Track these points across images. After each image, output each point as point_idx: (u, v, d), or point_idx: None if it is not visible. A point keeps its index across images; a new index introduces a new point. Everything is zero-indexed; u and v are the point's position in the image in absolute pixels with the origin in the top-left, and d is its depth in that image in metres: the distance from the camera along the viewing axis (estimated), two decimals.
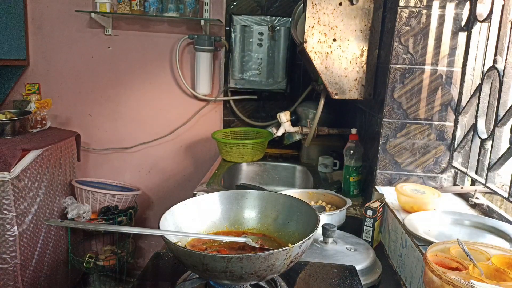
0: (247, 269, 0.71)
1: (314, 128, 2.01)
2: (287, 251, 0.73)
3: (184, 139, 2.80)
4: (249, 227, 0.99)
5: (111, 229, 0.85)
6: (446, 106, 1.38)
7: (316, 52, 1.59)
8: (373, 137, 1.57)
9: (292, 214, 0.95)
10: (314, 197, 1.53)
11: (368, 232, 1.24)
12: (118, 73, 2.72)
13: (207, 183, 1.91)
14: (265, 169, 2.28)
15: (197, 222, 0.95)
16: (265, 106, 2.69)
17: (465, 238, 0.92)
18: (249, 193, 1.01)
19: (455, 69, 1.36)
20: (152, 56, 2.68)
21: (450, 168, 1.42)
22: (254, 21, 2.47)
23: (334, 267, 0.97)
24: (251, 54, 2.51)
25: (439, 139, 1.40)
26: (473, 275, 0.75)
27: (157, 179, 2.87)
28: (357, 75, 1.62)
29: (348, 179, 1.69)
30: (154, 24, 2.64)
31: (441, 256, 0.82)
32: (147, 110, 2.76)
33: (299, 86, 2.61)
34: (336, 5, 1.56)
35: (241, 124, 2.70)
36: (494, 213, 1.18)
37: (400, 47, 1.37)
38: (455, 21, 1.33)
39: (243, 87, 2.56)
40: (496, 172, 1.13)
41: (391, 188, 1.38)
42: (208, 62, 2.54)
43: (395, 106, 1.40)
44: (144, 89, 2.74)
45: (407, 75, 1.38)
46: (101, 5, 2.45)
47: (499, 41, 1.14)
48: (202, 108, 2.72)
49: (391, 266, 1.20)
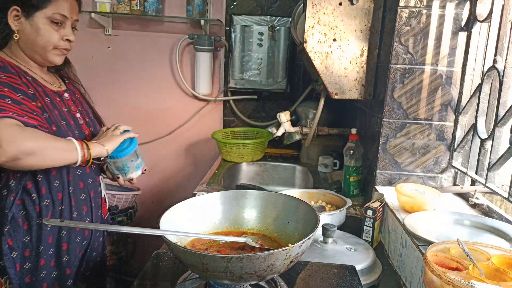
0: (247, 269, 0.71)
1: (314, 128, 2.01)
2: (287, 251, 0.73)
3: (184, 139, 2.79)
4: (249, 227, 0.99)
5: (111, 229, 0.85)
6: (446, 106, 1.38)
7: (316, 52, 1.59)
8: (373, 137, 1.57)
9: (292, 214, 0.95)
10: (314, 197, 1.53)
11: (368, 232, 1.24)
12: (118, 73, 2.72)
13: (207, 183, 1.91)
14: (265, 169, 2.28)
15: (197, 222, 0.95)
16: (265, 106, 2.69)
17: (465, 238, 0.92)
18: (249, 193, 1.01)
19: (455, 69, 1.36)
20: (152, 56, 2.68)
21: (450, 168, 1.42)
22: (254, 21, 2.47)
23: (334, 267, 0.97)
24: (251, 54, 2.51)
25: (439, 139, 1.40)
26: (473, 275, 0.75)
27: (157, 179, 2.87)
28: (357, 75, 1.62)
29: (348, 179, 1.69)
30: (154, 24, 2.64)
31: (441, 256, 0.82)
32: (147, 110, 2.76)
33: (299, 86, 2.61)
34: (336, 5, 1.56)
35: (241, 124, 2.70)
36: (494, 213, 1.18)
37: (400, 47, 1.37)
38: (455, 21, 1.33)
39: (243, 87, 2.56)
40: (496, 172, 1.13)
41: (391, 188, 1.38)
42: (208, 62, 2.54)
43: (395, 106, 1.40)
44: (144, 89, 2.74)
45: (407, 75, 1.38)
46: (101, 5, 2.45)
47: (499, 41, 1.14)
48: (202, 108, 2.72)
49: (391, 266, 1.20)
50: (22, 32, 1.20)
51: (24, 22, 1.19)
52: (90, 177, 1.32)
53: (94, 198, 1.33)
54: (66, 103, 1.29)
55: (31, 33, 1.19)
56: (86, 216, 1.30)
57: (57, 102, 1.25)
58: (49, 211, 1.20)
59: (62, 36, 1.23)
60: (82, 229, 1.29)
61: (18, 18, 1.19)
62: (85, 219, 1.30)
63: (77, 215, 1.27)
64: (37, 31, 1.19)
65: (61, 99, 1.28)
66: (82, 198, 1.29)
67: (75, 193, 1.26)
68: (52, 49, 1.22)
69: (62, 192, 1.23)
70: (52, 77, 1.34)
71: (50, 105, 1.21)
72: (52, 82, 1.31)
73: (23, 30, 1.19)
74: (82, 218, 1.29)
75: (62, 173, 1.23)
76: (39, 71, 1.27)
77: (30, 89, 1.18)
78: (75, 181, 1.26)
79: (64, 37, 1.23)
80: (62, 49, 1.25)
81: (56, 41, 1.22)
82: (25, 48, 1.22)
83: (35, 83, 1.22)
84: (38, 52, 1.22)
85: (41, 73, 1.28)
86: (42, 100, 1.20)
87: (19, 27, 1.19)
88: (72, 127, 1.25)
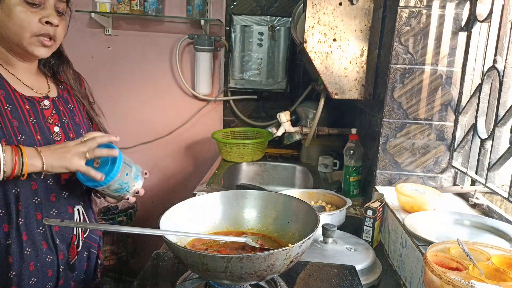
0: (247, 269, 0.71)
1: (314, 128, 2.01)
2: (287, 251, 0.73)
3: (184, 139, 2.79)
4: (249, 227, 0.99)
5: (111, 229, 0.85)
6: (446, 106, 1.38)
7: (316, 52, 1.59)
8: (373, 137, 1.57)
9: (292, 214, 0.95)
10: (314, 197, 1.53)
11: (368, 232, 1.24)
12: (118, 73, 2.72)
13: (207, 183, 1.91)
14: (265, 169, 2.28)
15: (197, 222, 0.95)
16: (265, 106, 2.69)
17: (465, 238, 0.92)
18: (249, 193, 1.01)
19: (455, 69, 1.36)
20: (152, 56, 2.68)
21: (450, 168, 1.41)
22: (254, 21, 2.47)
23: (334, 267, 0.97)
24: (251, 54, 2.51)
25: (439, 139, 1.40)
26: (473, 275, 0.75)
27: (157, 179, 2.87)
28: (357, 75, 1.62)
29: (348, 179, 1.69)
30: (154, 24, 2.64)
31: (441, 256, 0.82)
32: (147, 110, 2.76)
33: (299, 86, 2.61)
34: (336, 5, 1.56)
35: (241, 124, 2.70)
36: (494, 213, 1.18)
37: (400, 47, 1.37)
38: (455, 21, 1.33)
39: (243, 87, 2.56)
40: (496, 172, 1.12)
41: (391, 188, 1.38)
42: (208, 62, 2.54)
43: (395, 106, 1.40)
44: (144, 89, 2.74)
45: (407, 75, 1.38)
46: (101, 5, 2.45)
47: (499, 41, 1.14)
48: (202, 108, 2.72)
49: (391, 266, 1.20)
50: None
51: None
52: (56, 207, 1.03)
53: (58, 233, 1.05)
54: (40, 113, 1.03)
55: (2, 17, 0.95)
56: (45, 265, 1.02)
57: (24, 111, 0.99)
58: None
59: (41, 19, 0.98)
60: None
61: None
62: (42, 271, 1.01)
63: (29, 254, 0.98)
64: (8, 14, 0.95)
65: (33, 107, 1.02)
66: (40, 232, 1.01)
67: (28, 224, 0.98)
68: (30, 37, 0.98)
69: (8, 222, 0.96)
70: (40, 80, 1.11)
71: (9, 113, 0.96)
72: (35, 86, 1.07)
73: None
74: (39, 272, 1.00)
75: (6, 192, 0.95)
76: (24, 70, 1.05)
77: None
78: (26, 207, 0.98)
79: (43, 19, 0.98)
80: (43, 37, 0.99)
81: (33, 26, 0.97)
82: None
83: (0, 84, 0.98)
84: (14, 42, 0.98)
85: (23, 73, 1.05)
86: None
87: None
88: (38, 143, 0.98)
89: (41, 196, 1.01)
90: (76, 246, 1.09)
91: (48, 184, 1.02)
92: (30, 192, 0.99)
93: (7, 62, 1.02)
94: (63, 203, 1.06)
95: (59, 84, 1.15)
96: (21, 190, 0.97)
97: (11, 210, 0.96)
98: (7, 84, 0.99)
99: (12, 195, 0.97)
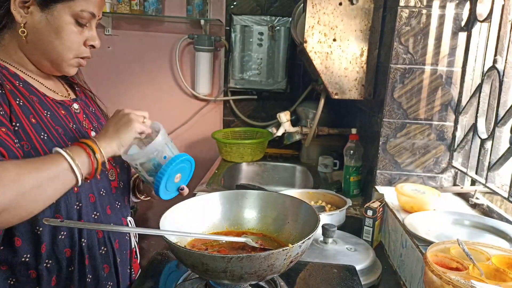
0: (247, 269, 0.71)
1: (314, 128, 2.01)
2: (287, 251, 0.73)
3: (184, 139, 2.79)
4: (249, 227, 0.99)
5: (111, 229, 0.85)
6: (446, 106, 1.38)
7: (316, 52, 1.58)
8: (373, 137, 1.57)
9: (292, 214, 0.95)
10: (314, 197, 1.53)
11: (368, 232, 1.24)
12: (118, 73, 2.72)
13: (207, 183, 1.91)
14: (265, 169, 2.28)
15: (197, 222, 0.95)
16: (265, 106, 2.69)
17: (465, 238, 0.92)
18: (249, 193, 1.01)
19: (455, 69, 1.36)
20: (152, 56, 2.68)
21: (450, 168, 1.41)
22: (254, 21, 2.47)
23: (334, 267, 0.97)
24: (251, 54, 2.51)
25: (439, 139, 1.40)
26: (473, 275, 0.75)
27: None
28: (357, 75, 1.62)
29: (348, 179, 1.69)
30: (154, 24, 2.63)
31: (441, 256, 0.82)
32: (147, 110, 2.74)
33: (299, 86, 2.61)
34: (336, 5, 1.56)
35: (241, 124, 2.70)
36: (494, 213, 1.18)
37: (400, 47, 1.37)
38: (455, 21, 1.33)
39: (243, 87, 2.56)
40: (496, 172, 1.12)
41: (391, 188, 1.38)
42: (208, 62, 2.54)
43: (395, 106, 1.40)
44: (144, 89, 2.74)
45: (407, 75, 1.38)
46: None
47: (499, 41, 1.14)
48: (202, 108, 2.72)
49: (391, 266, 1.20)
50: (32, 27, 0.85)
51: (36, 13, 0.84)
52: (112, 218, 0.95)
53: (119, 250, 0.98)
54: (75, 117, 0.95)
55: (46, 31, 0.85)
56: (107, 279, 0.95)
57: (61, 116, 0.91)
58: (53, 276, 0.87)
59: (85, 41, 0.91)
60: None
61: (27, 6, 0.84)
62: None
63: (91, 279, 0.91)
64: (57, 31, 0.85)
65: (68, 112, 0.94)
66: (102, 252, 0.94)
67: (91, 245, 0.90)
68: (72, 58, 0.91)
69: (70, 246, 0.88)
70: (57, 83, 1.00)
71: (50, 120, 0.87)
72: (56, 89, 0.97)
73: (34, 25, 0.85)
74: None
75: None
76: (38, 75, 0.94)
77: (18, 100, 0.84)
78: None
79: (88, 42, 0.92)
80: (83, 59, 0.94)
81: (80, 49, 0.90)
82: (31, 49, 0.88)
83: (28, 90, 0.87)
84: (51, 59, 0.89)
85: (39, 77, 0.94)
86: (36, 114, 0.85)
87: (28, 19, 0.84)
88: None
89: (99, 210, 0.93)
90: (136, 259, 1.05)
91: (101, 195, 0.95)
92: (91, 206, 0.91)
93: (23, 65, 0.90)
94: (118, 214, 1.00)
95: (75, 87, 1.06)
96: (83, 204, 0.89)
97: (74, 230, 0.88)
98: (35, 90, 0.89)
99: (75, 211, 0.88)
